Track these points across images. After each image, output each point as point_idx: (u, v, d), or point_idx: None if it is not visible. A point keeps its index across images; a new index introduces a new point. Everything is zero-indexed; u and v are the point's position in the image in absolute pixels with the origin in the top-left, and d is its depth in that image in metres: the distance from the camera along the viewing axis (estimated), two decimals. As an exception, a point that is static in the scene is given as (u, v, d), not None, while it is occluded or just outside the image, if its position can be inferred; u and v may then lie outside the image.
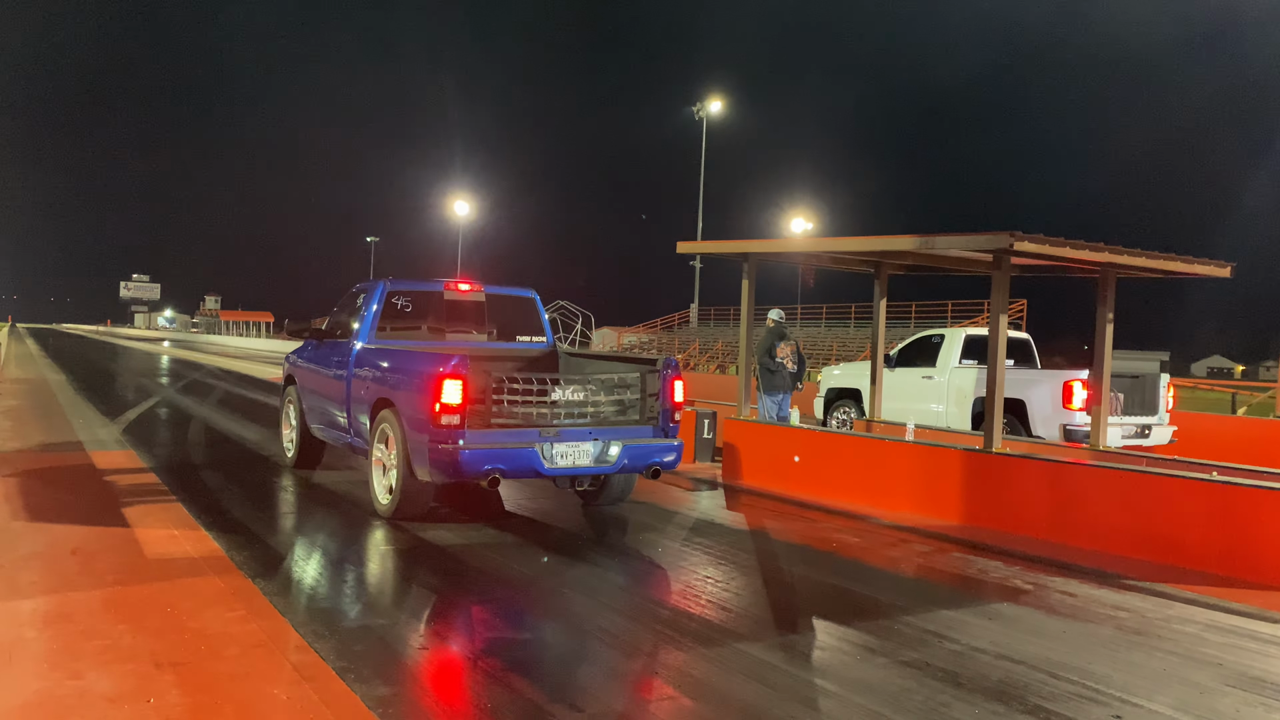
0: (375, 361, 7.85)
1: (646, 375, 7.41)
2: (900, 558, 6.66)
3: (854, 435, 9.17)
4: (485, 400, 6.70)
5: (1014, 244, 6.95)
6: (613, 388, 7.27)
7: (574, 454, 6.93)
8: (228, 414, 15.13)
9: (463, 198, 67.58)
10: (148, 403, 16.95)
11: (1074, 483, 7.13)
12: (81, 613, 4.67)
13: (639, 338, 49.68)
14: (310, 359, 9.35)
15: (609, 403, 7.21)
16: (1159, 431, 11.39)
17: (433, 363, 6.75)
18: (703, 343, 42.22)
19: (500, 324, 9.00)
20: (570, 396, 6.99)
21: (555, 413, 6.92)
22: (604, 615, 4.99)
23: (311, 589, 5.43)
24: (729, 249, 9.76)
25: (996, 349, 7.77)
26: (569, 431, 6.94)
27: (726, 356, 38.26)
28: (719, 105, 50.23)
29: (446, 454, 6.53)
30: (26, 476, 8.37)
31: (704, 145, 49.19)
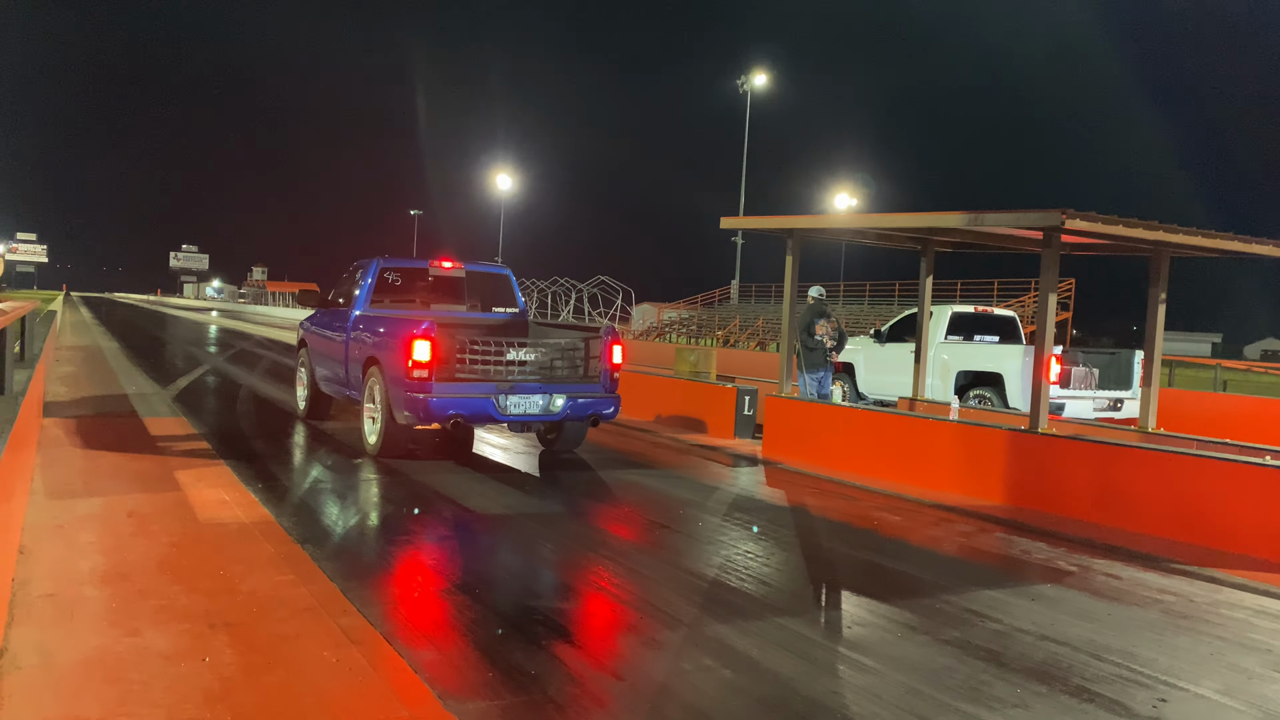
0: (367, 326, 9.14)
1: (590, 340, 8.74)
2: (942, 537, 6.63)
3: (896, 414, 9.10)
4: (450, 358, 8.03)
5: (1065, 221, 6.83)
6: (559, 350, 8.60)
7: (524, 404, 8.21)
8: (273, 382, 15.38)
9: (505, 172, 67.76)
10: (197, 371, 17.29)
11: (1121, 464, 7.03)
12: (138, 573, 4.80)
13: (679, 314, 49.57)
14: (318, 325, 10.66)
15: (556, 363, 8.54)
16: (1130, 405, 11.93)
17: (407, 326, 8.04)
18: (743, 319, 42.01)
19: (479, 296, 10.41)
20: (523, 357, 8.38)
21: (510, 370, 8.27)
22: (645, 586, 5.03)
23: (357, 553, 5.53)
24: (773, 225, 9.70)
25: (1045, 328, 7.66)
26: (522, 385, 8.23)
27: (767, 333, 38.06)
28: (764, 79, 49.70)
29: (418, 402, 7.84)
30: (83, 442, 8.60)
31: (748, 119, 48.73)
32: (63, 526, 5.65)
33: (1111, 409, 11.97)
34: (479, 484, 7.77)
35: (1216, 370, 19.12)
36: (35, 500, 6.27)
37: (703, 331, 44.51)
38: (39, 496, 6.38)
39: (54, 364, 15.69)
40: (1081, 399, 11.75)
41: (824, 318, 11.10)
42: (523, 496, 7.41)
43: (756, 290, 47.04)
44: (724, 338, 40.43)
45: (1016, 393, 11.87)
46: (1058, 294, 8.02)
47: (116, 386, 13.64)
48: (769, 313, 40.66)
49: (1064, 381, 11.42)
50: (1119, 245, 8.41)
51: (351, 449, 9.08)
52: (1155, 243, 7.91)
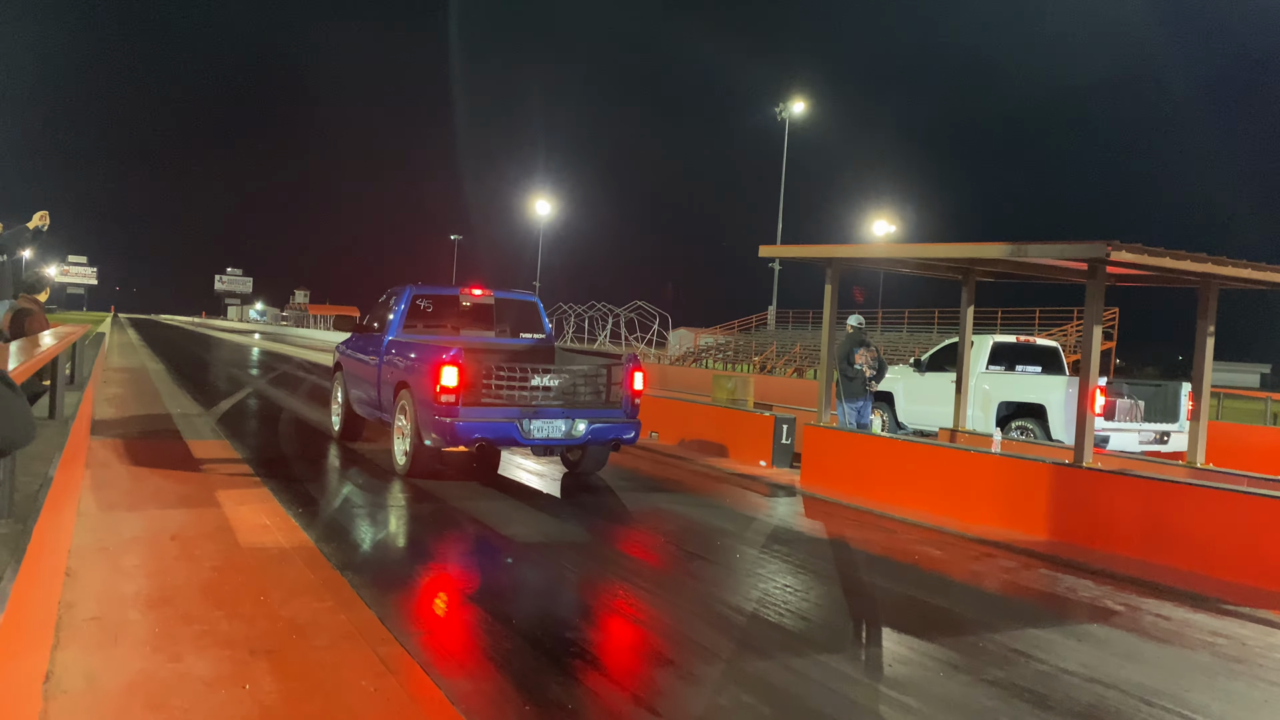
0: (399, 351, 9.40)
1: (612, 367, 8.95)
2: (984, 572, 6.52)
3: (937, 445, 8.99)
4: (477, 384, 8.30)
5: (1110, 253, 6.74)
6: (582, 376, 8.79)
7: (548, 429, 8.39)
8: (312, 405, 15.54)
9: (544, 198, 68.40)
10: (239, 393, 17.53)
11: (1169, 501, 6.88)
12: (181, 597, 4.85)
13: (715, 339, 49.51)
14: (353, 349, 11.01)
15: (579, 389, 8.73)
16: (1177, 438, 11.69)
17: (436, 353, 8.32)
18: (780, 346, 41.87)
19: (508, 322, 10.72)
20: (547, 383, 8.59)
21: (534, 395, 8.50)
22: (682, 619, 4.99)
23: (395, 580, 5.55)
24: (812, 254, 9.67)
25: (1090, 360, 7.55)
26: (545, 410, 8.43)
27: (805, 360, 37.88)
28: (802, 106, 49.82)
29: (445, 425, 8.10)
30: (129, 462, 8.74)
31: (786, 146, 48.86)
32: (108, 549, 5.73)
33: (1158, 442, 11.76)
34: (513, 509, 7.79)
35: (1267, 403, 18.70)
36: (82, 521, 6.37)
37: (739, 357, 44.42)
38: (86, 517, 6.49)
39: (102, 385, 15.98)
40: (1127, 431, 11.55)
41: (863, 347, 11.03)
42: (558, 523, 7.41)
43: (794, 316, 46.95)
44: (760, 364, 40.29)
45: (1060, 424, 11.70)
46: (1103, 324, 7.90)
47: (161, 408, 13.86)
48: (806, 339, 40.48)
49: (1109, 414, 11.24)
50: (1165, 277, 8.28)
51: (385, 471, 9.15)
52: (1203, 275, 7.78)
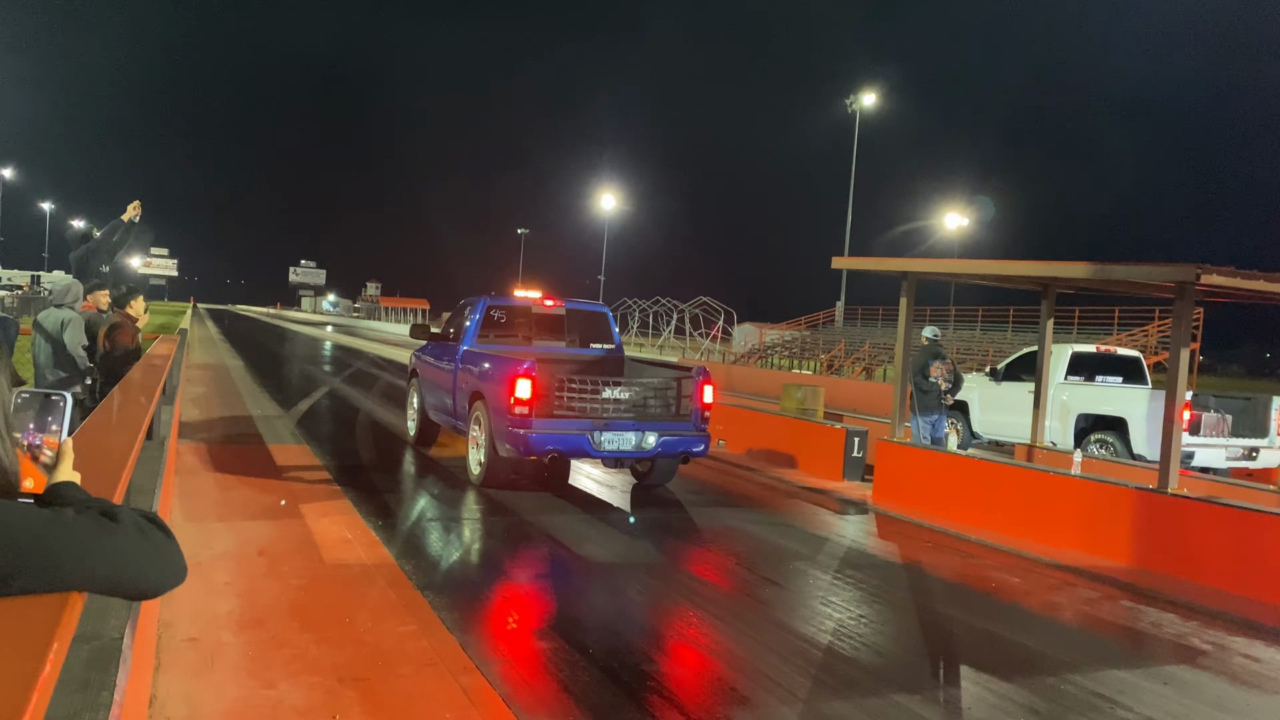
0: (473, 361, 9.61)
1: (682, 380, 9.00)
2: (1064, 604, 6.40)
3: (1015, 465, 8.84)
4: (550, 396, 8.42)
5: (1200, 276, 6.55)
6: (653, 389, 8.87)
7: (618, 441, 8.51)
8: (387, 406, 15.87)
9: (610, 192, 68.60)
10: (317, 393, 17.99)
11: (1258, 531, 6.67)
12: (271, 619, 5.02)
13: (781, 335, 49.15)
14: (430, 356, 11.24)
15: (650, 401, 8.79)
16: (1268, 454, 11.36)
17: (511, 365, 8.51)
18: (849, 344, 41.38)
19: (578, 332, 10.90)
20: (618, 395, 8.68)
21: (605, 407, 8.58)
22: (757, 654, 5.00)
23: (474, 603, 5.66)
24: (887, 267, 9.57)
25: (1176, 383, 7.34)
26: (616, 423, 8.54)
27: (874, 359, 37.40)
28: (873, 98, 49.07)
29: (519, 437, 8.27)
30: (215, 470, 9.05)
31: (856, 139, 48.18)
32: (201, 564, 5.95)
33: (1246, 458, 11.42)
34: (585, 525, 7.87)
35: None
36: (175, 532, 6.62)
37: (806, 354, 44.03)
38: (178, 529, 6.70)
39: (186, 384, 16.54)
40: (1213, 447, 11.20)
41: (939, 359, 10.87)
42: (630, 542, 7.47)
43: (863, 313, 46.31)
44: (828, 362, 39.90)
45: (1141, 439, 11.41)
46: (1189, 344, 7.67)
47: (243, 409, 14.30)
48: (876, 336, 39.95)
49: (1194, 429, 10.92)
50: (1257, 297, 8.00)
51: (460, 481, 9.32)
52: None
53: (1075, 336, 31.08)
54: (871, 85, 48.61)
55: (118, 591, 1.33)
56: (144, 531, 1.31)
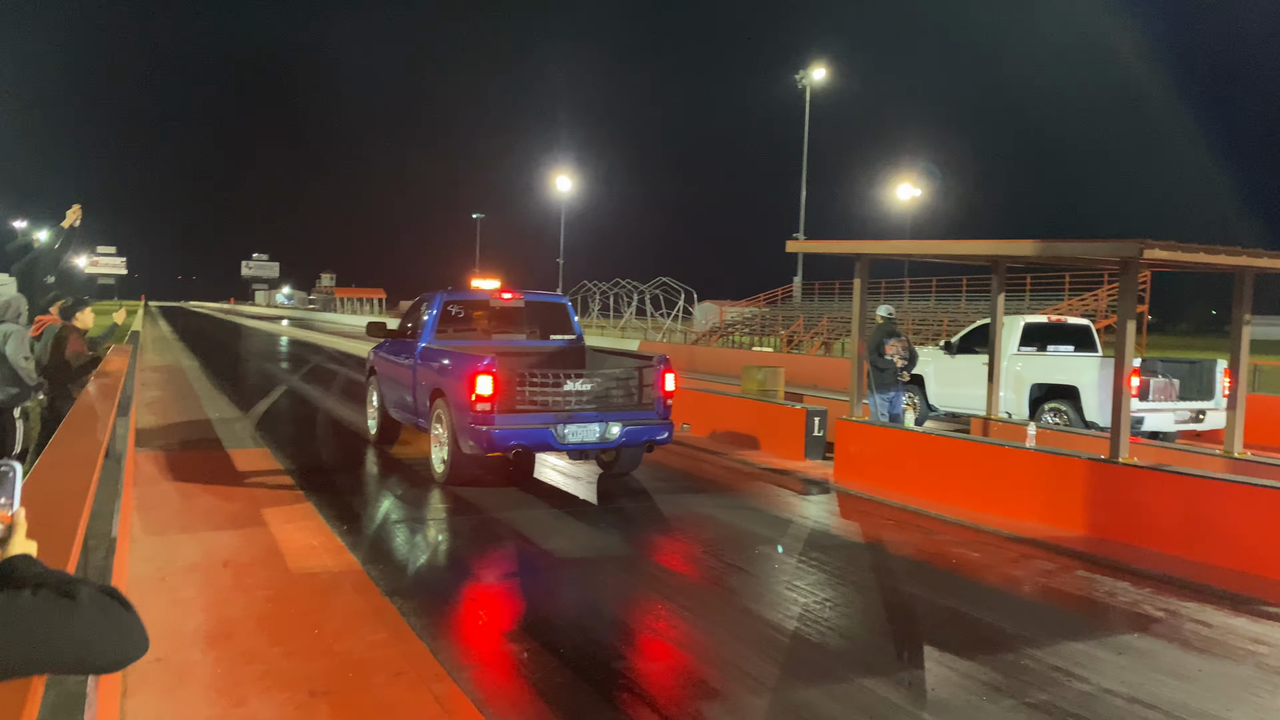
0: (433, 358, 9.56)
1: (644, 369, 9.06)
2: (1023, 577, 6.56)
3: (970, 440, 9.01)
4: (512, 391, 8.46)
5: (1144, 252, 6.70)
6: (615, 380, 8.93)
7: (582, 433, 8.54)
8: (347, 403, 15.74)
9: (565, 174, 68.21)
10: (275, 392, 17.77)
11: (1206, 497, 6.87)
12: (239, 633, 5.00)
13: (741, 313, 49.39)
14: (388, 353, 11.20)
15: (612, 392, 8.86)
16: (1214, 416, 11.63)
17: (471, 361, 8.47)
18: (807, 319, 41.69)
19: (538, 325, 10.88)
20: (580, 387, 8.71)
21: (568, 400, 8.61)
22: (728, 644, 5.08)
23: (443, 607, 5.67)
24: (841, 249, 9.66)
25: (1124, 355, 7.52)
26: (579, 415, 8.56)
27: (832, 333, 37.74)
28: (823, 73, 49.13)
29: (481, 433, 8.29)
30: (175, 478, 8.94)
31: (807, 115, 48.27)
32: (165, 579, 5.90)
33: (1193, 420, 11.75)
34: (552, 519, 7.90)
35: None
36: (136, 547, 6.55)
37: (766, 331, 44.29)
38: (140, 544, 6.66)
39: (141, 387, 16.27)
40: (1162, 411, 11.50)
41: (894, 337, 11.02)
42: (598, 535, 7.51)
43: (820, 288, 46.63)
44: (788, 338, 40.18)
45: (1094, 406, 11.67)
46: (1135, 315, 7.85)
47: (200, 412, 14.11)
48: (833, 311, 40.28)
49: (1142, 394, 11.19)
50: (1200, 268, 8.21)
51: (424, 480, 9.30)
52: (1238, 268, 7.71)
53: (1028, 304, 31.59)
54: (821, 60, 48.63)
55: (79, 670, 1.33)
56: (103, 608, 1.32)
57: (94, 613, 1.29)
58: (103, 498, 4.98)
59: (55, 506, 1.58)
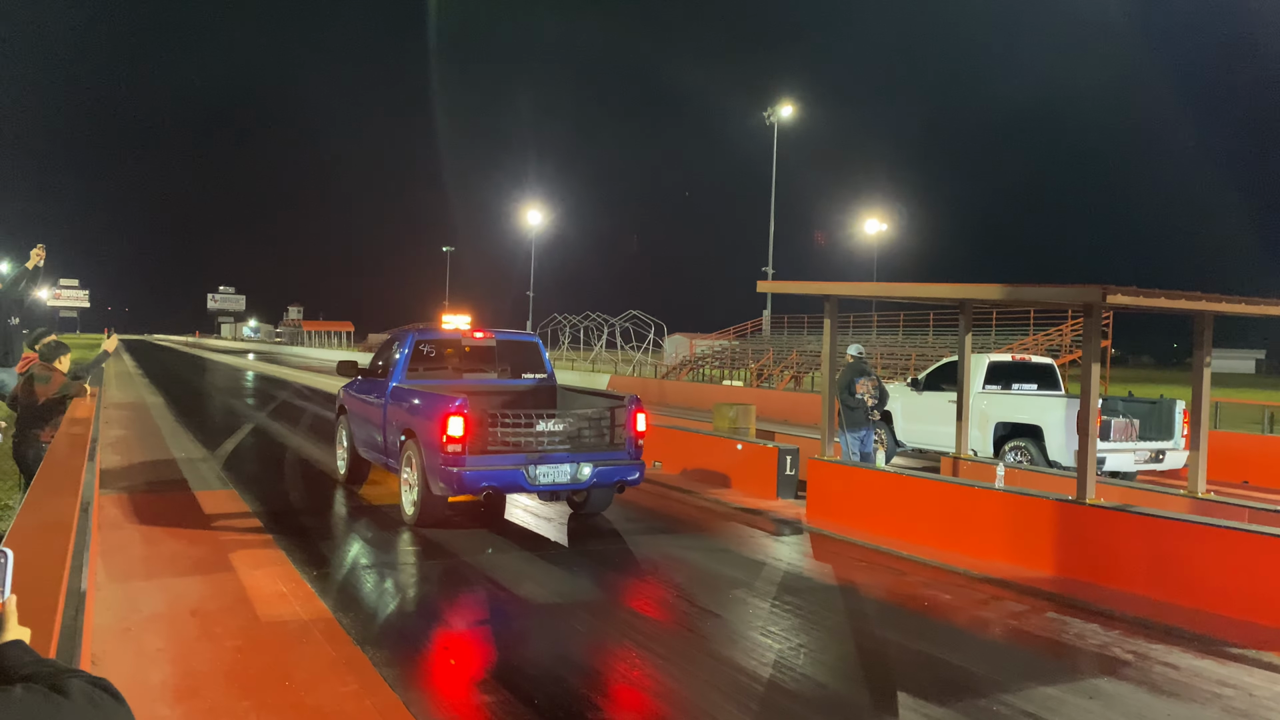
0: (403, 398, 9.49)
1: (615, 410, 9.02)
2: (993, 619, 6.61)
3: (940, 480, 9.09)
4: (483, 432, 8.36)
5: (1106, 297, 6.85)
6: (587, 420, 8.87)
7: (553, 474, 8.50)
8: (315, 442, 15.59)
9: (535, 208, 68.45)
10: (242, 431, 17.57)
11: (1171, 538, 6.98)
12: (207, 687, 4.92)
13: (711, 346, 49.60)
14: (358, 392, 11.12)
15: (584, 432, 8.80)
16: (1174, 456, 11.83)
17: (442, 403, 8.35)
18: (777, 352, 41.95)
19: (509, 363, 10.84)
20: (552, 428, 8.66)
21: (539, 440, 8.57)
22: (703, 693, 5.06)
23: (415, 656, 5.62)
24: (810, 290, 9.77)
25: (1089, 397, 7.65)
26: (550, 455, 8.53)
27: (802, 367, 37.98)
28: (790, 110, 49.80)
29: (452, 475, 8.19)
30: (141, 522, 8.79)
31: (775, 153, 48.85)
32: (130, 630, 5.80)
33: (1153, 460, 11.91)
34: (524, 563, 7.84)
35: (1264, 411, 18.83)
36: (100, 595, 6.42)
37: (736, 364, 44.49)
38: (104, 591, 6.54)
39: (104, 425, 16.02)
40: (1122, 452, 11.67)
41: (865, 376, 11.12)
42: (570, 579, 7.47)
43: (789, 321, 47.00)
44: (758, 371, 40.39)
45: (1058, 446, 11.83)
46: (1099, 358, 7.99)
47: (165, 452, 13.91)
48: (802, 344, 40.58)
49: (1103, 434, 11.35)
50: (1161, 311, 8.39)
51: (394, 522, 9.21)
52: (1198, 312, 7.89)
53: (994, 339, 32.03)
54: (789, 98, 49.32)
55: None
56: (95, 703, 1.31)
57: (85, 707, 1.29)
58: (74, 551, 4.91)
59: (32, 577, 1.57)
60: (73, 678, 1.32)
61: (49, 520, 3.11)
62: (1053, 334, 30.99)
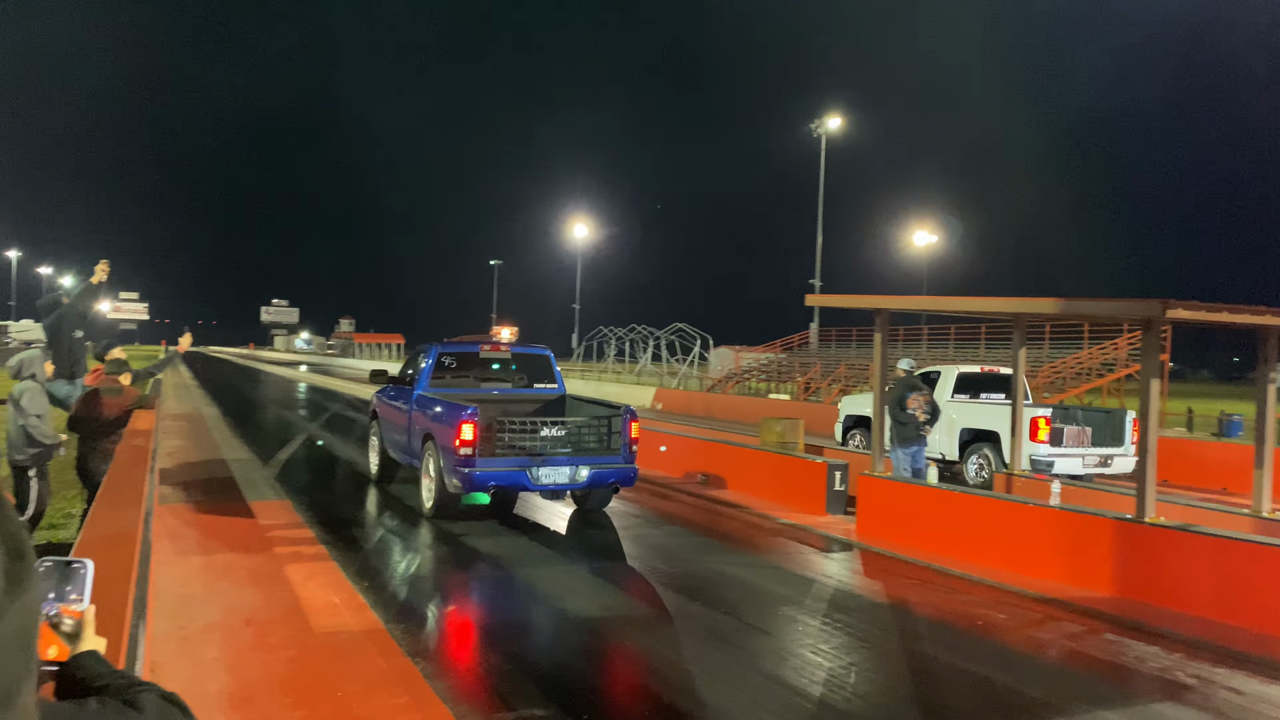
0: (426, 405, 10.43)
1: (611, 418, 9.91)
2: (1049, 640, 6.47)
3: (994, 497, 8.94)
4: (491, 437, 9.32)
5: (1166, 311, 6.70)
6: (585, 427, 9.73)
7: (554, 475, 9.40)
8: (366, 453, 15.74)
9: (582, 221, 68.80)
10: (294, 442, 17.86)
11: (1239, 560, 6.78)
12: (261, 696, 4.99)
13: (757, 358, 49.35)
14: (388, 398, 12.11)
15: (582, 438, 9.68)
16: (1121, 461, 12.94)
17: (457, 410, 9.34)
18: (824, 365, 41.60)
19: (524, 374, 11.88)
20: (554, 433, 9.57)
21: (542, 444, 9.48)
22: (752, 713, 5.01)
23: (465, 669, 5.65)
24: (860, 304, 9.69)
25: (1149, 412, 7.47)
26: (552, 459, 9.43)
27: (850, 381, 37.61)
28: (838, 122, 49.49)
29: (464, 474, 9.14)
30: (198, 532, 8.96)
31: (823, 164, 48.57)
32: (187, 639, 5.90)
33: (1102, 465, 12.93)
34: (571, 577, 7.86)
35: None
36: (159, 604, 6.55)
37: (782, 377, 44.20)
38: (162, 600, 6.67)
39: (162, 436, 16.37)
40: (1071, 456, 12.55)
41: (916, 391, 10.99)
42: (618, 595, 7.47)
43: (837, 334, 46.62)
44: (805, 384, 40.08)
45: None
46: (1160, 374, 7.81)
47: (221, 463, 14.17)
48: (850, 357, 40.19)
49: (1055, 440, 12.43)
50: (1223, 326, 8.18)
51: (446, 534, 9.29)
52: (1263, 326, 7.68)
53: (1046, 352, 31.47)
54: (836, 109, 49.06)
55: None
56: (166, 717, 1.34)
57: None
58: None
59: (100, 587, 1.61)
60: (145, 691, 1.35)
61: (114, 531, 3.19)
62: (1108, 348, 30.35)
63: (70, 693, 1.36)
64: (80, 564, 1.51)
